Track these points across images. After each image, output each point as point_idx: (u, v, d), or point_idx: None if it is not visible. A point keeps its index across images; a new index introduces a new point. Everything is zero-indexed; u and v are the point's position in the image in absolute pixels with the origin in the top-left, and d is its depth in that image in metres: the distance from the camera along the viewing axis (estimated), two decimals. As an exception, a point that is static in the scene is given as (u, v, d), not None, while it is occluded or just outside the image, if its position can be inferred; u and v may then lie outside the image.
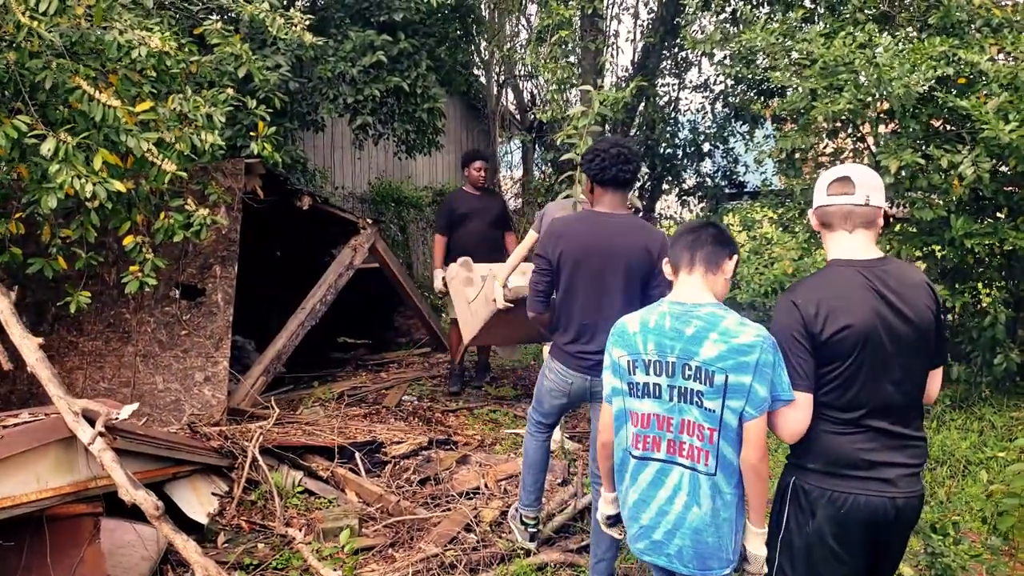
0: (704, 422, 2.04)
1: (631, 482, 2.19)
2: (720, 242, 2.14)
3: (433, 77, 7.59)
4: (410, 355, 7.29)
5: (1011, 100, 4.31)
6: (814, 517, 2.12)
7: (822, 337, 2.04)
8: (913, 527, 2.24)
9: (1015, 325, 5.55)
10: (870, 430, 2.09)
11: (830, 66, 4.62)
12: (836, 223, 2.14)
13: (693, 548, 2.08)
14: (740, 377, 1.99)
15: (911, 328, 2.08)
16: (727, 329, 2.02)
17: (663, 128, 7.44)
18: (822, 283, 2.12)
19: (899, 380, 2.09)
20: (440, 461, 4.63)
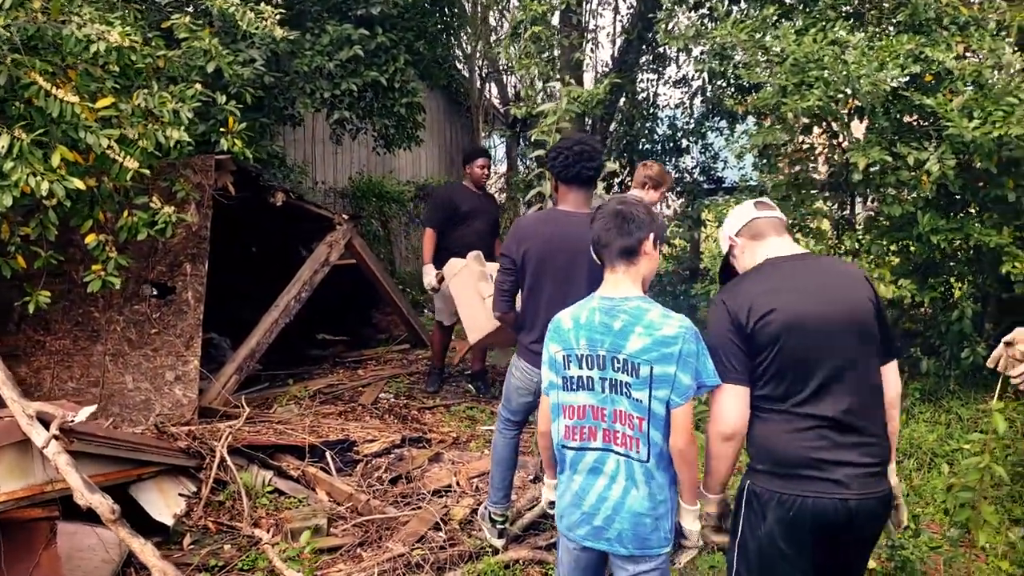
0: (633, 412, 2.11)
1: (570, 472, 2.25)
2: (630, 232, 2.17)
3: (412, 71, 7.56)
4: (388, 352, 7.28)
5: (975, 98, 4.33)
6: (765, 520, 2.13)
7: (749, 328, 2.10)
8: (876, 528, 2.21)
9: (982, 319, 5.60)
10: (817, 427, 2.09)
11: (800, 63, 4.63)
12: (768, 232, 2.29)
13: (632, 530, 2.14)
14: (665, 368, 2.06)
15: (844, 318, 2.11)
16: (651, 322, 2.09)
17: (642, 124, 7.44)
18: (753, 278, 2.22)
19: (841, 373, 2.09)
20: (412, 459, 4.63)
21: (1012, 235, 4.88)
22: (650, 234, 2.20)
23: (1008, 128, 4.09)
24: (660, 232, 2.24)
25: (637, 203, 2.24)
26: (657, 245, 2.24)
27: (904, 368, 6.03)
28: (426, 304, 9.42)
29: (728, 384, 2.13)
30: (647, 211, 2.23)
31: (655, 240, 2.22)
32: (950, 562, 3.36)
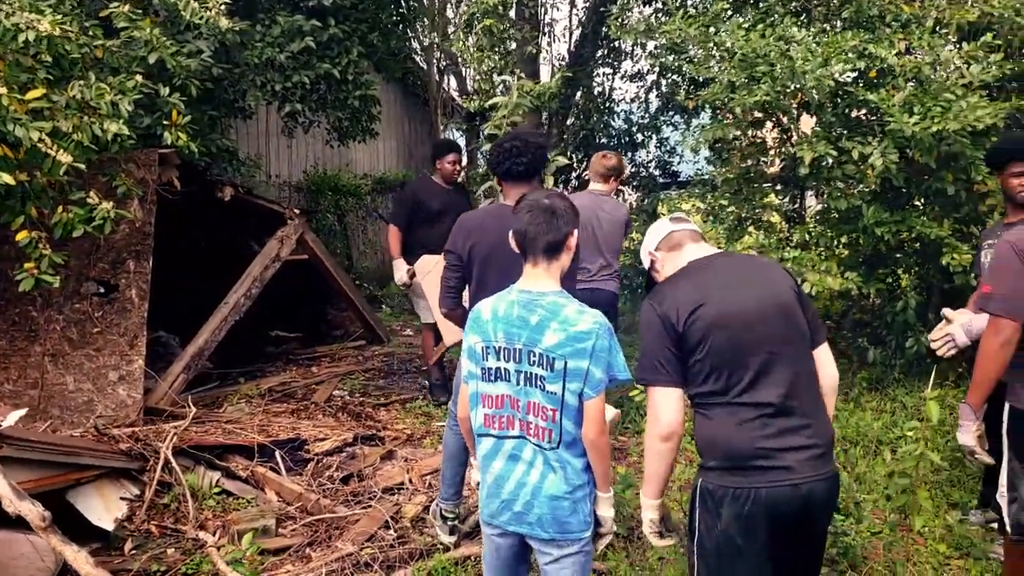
0: (547, 404, 2.16)
1: (490, 459, 2.28)
2: (557, 227, 2.19)
3: (366, 63, 7.47)
4: (344, 349, 7.21)
5: (916, 94, 4.42)
6: (720, 517, 2.13)
7: (680, 327, 2.13)
8: (829, 509, 2.24)
9: (926, 310, 5.73)
10: (760, 416, 2.11)
11: (749, 58, 4.68)
12: (684, 241, 2.37)
13: (551, 514, 2.19)
14: (578, 362, 2.11)
15: (770, 308, 2.16)
16: (567, 318, 2.13)
17: (598, 118, 7.46)
18: (678, 280, 2.26)
19: (774, 360, 2.12)
20: (365, 457, 4.59)
21: (952, 227, 5.01)
22: (574, 229, 2.24)
23: (945, 123, 4.18)
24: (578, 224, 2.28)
25: (562, 197, 2.27)
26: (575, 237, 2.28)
27: (852, 358, 6.15)
28: (384, 300, 9.35)
29: (662, 387, 2.16)
30: (571, 206, 2.26)
31: (576, 236, 2.27)
32: (889, 547, 3.43)
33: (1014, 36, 4.90)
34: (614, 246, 4.74)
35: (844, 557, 3.39)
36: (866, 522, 3.59)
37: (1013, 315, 2.56)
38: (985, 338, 2.65)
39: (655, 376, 2.16)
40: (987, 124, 4.19)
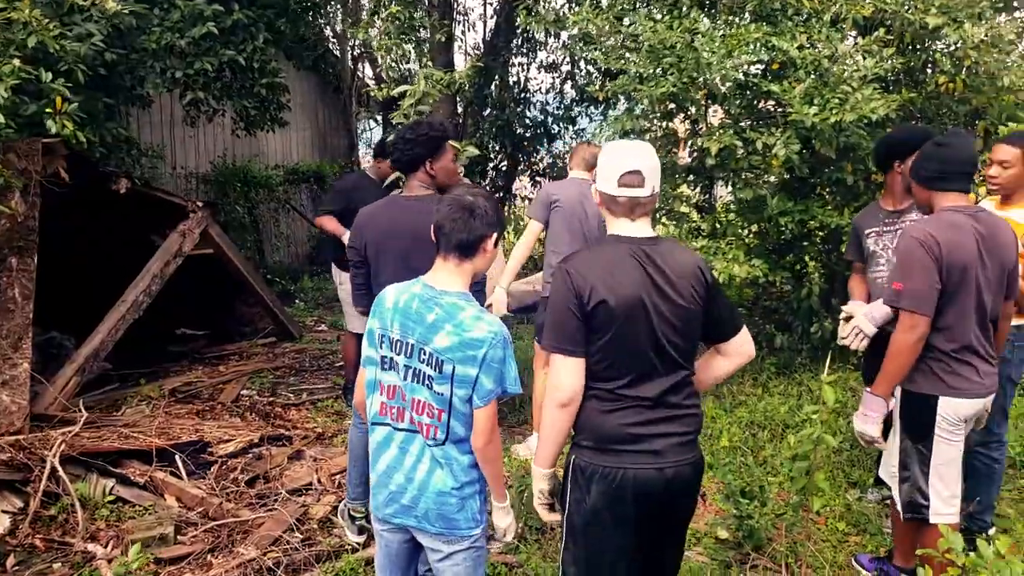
0: (434, 403, 2.11)
1: (381, 449, 2.22)
2: (474, 228, 2.13)
3: (273, 50, 7.22)
4: (253, 346, 6.96)
5: (816, 86, 4.54)
6: (589, 494, 2.18)
7: (588, 306, 2.11)
8: (693, 492, 2.29)
9: (830, 296, 5.93)
10: (635, 406, 2.14)
11: (657, 49, 4.71)
12: (621, 212, 2.21)
13: (438, 509, 2.15)
14: (467, 369, 2.06)
15: (674, 303, 2.15)
16: (462, 322, 2.07)
17: (513, 108, 7.42)
18: (596, 256, 2.20)
19: (664, 353, 2.15)
20: (271, 458, 4.44)
21: (851, 216, 5.18)
22: (493, 233, 2.17)
23: (843, 115, 4.31)
24: (502, 231, 2.21)
25: (488, 198, 2.21)
26: (498, 243, 2.22)
27: (761, 344, 6.32)
28: (297, 294, 9.09)
29: (568, 356, 2.13)
30: (496, 209, 2.20)
31: (497, 239, 2.20)
32: (791, 527, 3.53)
33: (905, 31, 5.09)
34: (599, 238, 4.51)
35: (749, 540, 3.47)
36: (770, 504, 3.68)
37: (924, 310, 2.66)
38: (899, 333, 2.73)
39: (562, 344, 2.13)
40: (881, 116, 4.33)
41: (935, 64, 5.17)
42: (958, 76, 5.14)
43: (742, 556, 3.42)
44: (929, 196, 2.84)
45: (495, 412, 2.10)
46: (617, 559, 2.21)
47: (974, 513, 3.49)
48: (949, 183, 2.78)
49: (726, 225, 5.59)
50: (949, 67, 5.09)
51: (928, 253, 2.65)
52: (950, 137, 2.83)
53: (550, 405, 2.17)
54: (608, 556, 2.21)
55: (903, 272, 2.73)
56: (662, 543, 2.31)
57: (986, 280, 2.72)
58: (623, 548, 2.20)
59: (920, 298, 2.66)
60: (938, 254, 2.65)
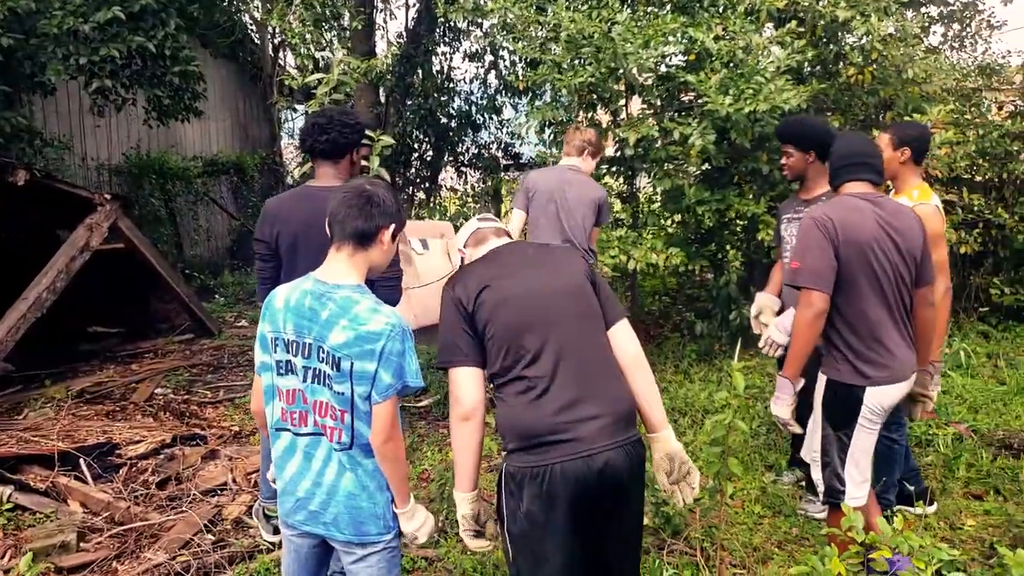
0: (335, 403, 2.03)
1: (286, 456, 2.14)
2: (371, 215, 2.07)
3: (186, 37, 6.96)
4: (169, 343, 6.72)
5: (731, 77, 4.62)
6: (523, 500, 2.11)
7: (470, 308, 2.14)
8: (633, 477, 2.21)
9: (748, 284, 6.07)
10: (547, 391, 2.11)
11: (575, 39, 4.71)
12: (489, 236, 2.42)
13: (348, 514, 2.08)
14: (365, 364, 1.98)
15: (558, 290, 2.20)
16: (357, 316, 1.99)
17: (436, 98, 7.34)
18: (478, 264, 2.30)
19: (563, 339, 2.15)
20: (184, 458, 4.29)
21: (767, 205, 5.31)
22: (391, 224, 2.10)
23: (757, 104, 4.39)
24: (401, 226, 2.15)
25: (388, 189, 2.15)
26: (396, 238, 2.15)
27: (682, 331, 6.44)
28: (217, 289, 8.83)
29: (460, 367, 2.14)
30: (395, 200, 2.14)
31: (394, 232, 2.12)
32: (707, 512, 3.59)
33: (817, 24, 5.23)
34: (581, 227, 4.23)
35: (667, 525, 3.52)
36: (688, 489, 3.73)
37: (821, 287, 2.69)
38: (798, 312, 2.76)
39: (453, 357, 2.15)
40: (793, 106, 4.43)
41: (845, 56, 5.34)
42: (867, 68, 5.32)
43: (660, 542, 3.46)
44: (840, 188, 2.91)
45: (395, 409, 2.03)
46: (562, 565, 2.12)
47: (879, 493, 3.62)
48: (853, 173, 2.85)
49: (647, 215, 5.66)
50: (858, 59, 5.26)
51: (823, 233, 2.70)
52: (847, 134, 2.96)
53: (455, 422, 2.14)
54: (552, 563, 2.12)
55: (800, 251, 2.78)
56: (608, 543, 2.22)
57: (890, 264, 2.75)
58: (566, 553, 2.12)
59: (816, 275, 2.69)
60: (833, 234, 2.69)
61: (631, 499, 2.22)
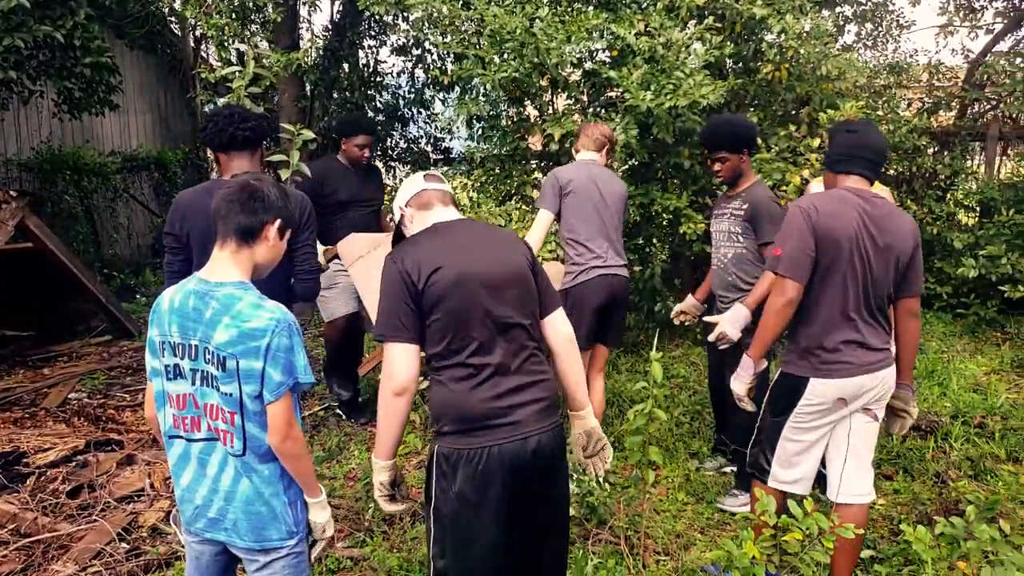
0: (224, 406, 1.98)
1: (181, 463, 2.09)
2: (254, 210, 2.01)
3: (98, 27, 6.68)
4: (86, 345, 6.46)
5: (652, 72, 4.69)
6: (455, 480, 2.14)
7: (420, 285, 2.12)
8: (559, 458, 2.30)
9: (673, 276, 6.20)
10: (491, 376, 2.16)
11: (499, 34, 4.71)
12: (434, 202, 2.35)
13: (247, 520, 2.04)
14: (251, 362, 1.93)
15: (506, 274, 2.22)
16: (240, 312, 1.94)
17: (363, 92, 7.23)
18: (424, 239, 2.26)
19: (506, 324, 2.19)
20: (98, 465, 4.13)
21: (689, 199, 5.42)
22: (277, 219, 2.04)
23: (677, 100, 4.47)
24: (289, 221, 2.10)
25: (273, 184, 2.09)
26: (284, 234, 2.10)
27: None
28: (138, 288, 8.53)
29: (400, 343, 2.13)
30: (281, 194, 2.08)
31: (281, 228, 2.07)
32: (630, 501, 3.65)
33: (736, 21, 5.35)
34: (616, 224, 4.03)
35: (593, 515, 3.56)
36: (613, 479, 3.79)
37: (796, 277, 2.71)
38: (771, 297, 2.78)
39: (394, 332, 2.13)
40: (712, 101, 4.52)
41: (763, 53, 5.48)
42: (783, 65, 5.47)
43: (585, 532, 3.50)
44: (835, 179, 2.88)
45: (290, 406, 1.98)
46: (492, 546, 2.17)
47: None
48: (851, 165, 2.82)
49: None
50: (775, 56, 5.41)
51: (805, 220, 2.70)
52: (859, 125, 2.88)
53: (386, 396, 2.15)
54: (481, 543, 2.16)
55: (782, 237, 2.78)
56: (538, 525, 2.28)
57: (863, 264, 2.72)
58: (497, 534, 2.17)
59: (794, 263, 2.70)
60: (815, 221, 2.69)
61: (559, 478, 2.33)
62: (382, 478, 2.27)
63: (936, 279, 6.92)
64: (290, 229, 2.12)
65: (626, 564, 3.24)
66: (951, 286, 6.86)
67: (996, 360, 5.95)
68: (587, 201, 3.90)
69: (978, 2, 9.65)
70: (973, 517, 2.62)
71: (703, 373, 5.73)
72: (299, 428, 2.02)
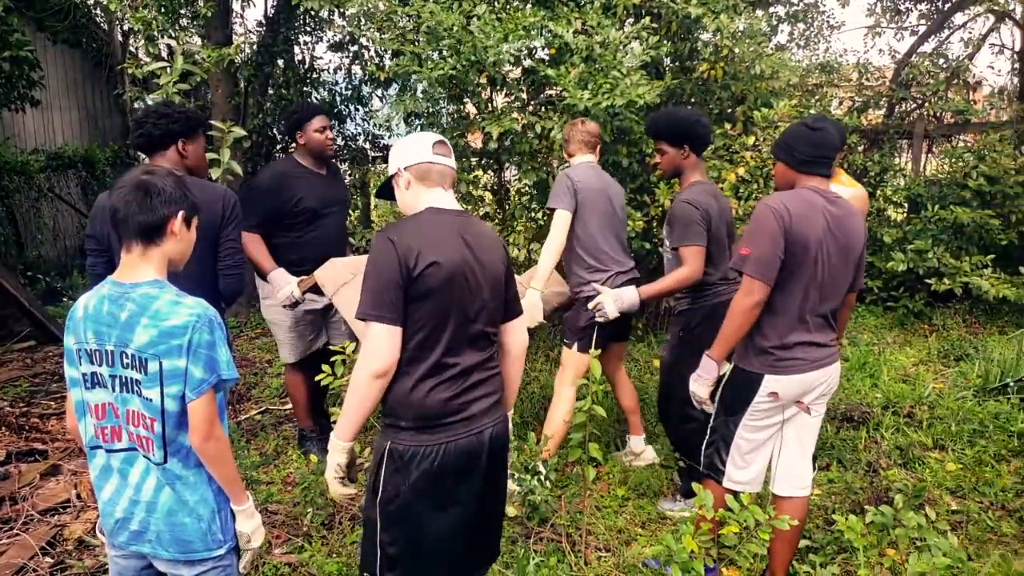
0: (145, 412, 1.91)
1: (103, 475, 2.01)
2: (153, 207, 1.92)
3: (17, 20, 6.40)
4: (7, 351, 6.18)
5: (590, 71, 4.70)
6: (409, 476, 2.13)
7: (415, 272, 2.07)
8: (505, 455, 2.36)
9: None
10: (454, 376, 2.16)
11: (435, 31, 4.66)
12: (436, 180, 2.25)
13: (170, 532, 1.97)
14: (174, 361, 1.86)
15: (489, 275, 2.21)
16: (158, 311, 1.88)
17: (299, 89, 7.08)
18: (419, 225, 2.18)
19: (477, 325, 2.20)
20: (20, 476, 3.95)
21: (628, 196, 5.46)
22: (179, 211, 1.96)
23: (614, 99, 4.49)
24: (193, 209, 2.02)
25: (166, 175, 1.99)
26: (191, 224, 2.03)
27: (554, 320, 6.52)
28: (65, 292, 8.19)
29: (388, 324, 2.06)
30: (179, 186, 1.99)
31: (186, 219, 1.99)
32: (571, 499, 3.66)
33: (672, 20, 5.41)
34: (624, 225, 4.03)
35: (535, 513, 3.56)
36: (555, 477, 3.79)
37: (764, 278, 2.70)
38: (738, 297, 2.77)
39: (383, 312, 2.06)
40: (648, 100, 4.56)
41: (699, 52, 5.55)
42: (718, 64, 5.55)
43: (527, 531, 3.50)
44: (794, 177, 2.86)
45: (212, 404, 1.91)
46: (445, 531, 2.20)
47: None
48: (816, 167, 2.82)
49: (514, 207, 5.70)
50: (710, 56, 5.49)
51: (778, 222, 2.68)
52: (821, 122, 2.84)
53: (364, 375, 2.07)
54: (433, 535, 2.18)
55: (750, 237, 2.75)
56: (485, 507, 2.31)
57: (827, 265, 2.76)
58: (451, 524, 2.20)
59: (763, 264, 2.69)
60: (787, 224, 2.68)
61: (504, 466, 2.40)
62: (340, 459, 2.22)
63: (868, 273, 7.14)
64: (196, 216, 2.04)
65: (567, 561, 3.24)
66: (882, 280, 7.09)
67: (924, 351, 6.17)
68: (600, 202, 3.83)
69: (904, 4, 9.99)
70: (901, 505, 2.70)
71: (644, 368, 5.80)
72: (222, 429, 1.96)
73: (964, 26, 9.86)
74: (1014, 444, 4.37)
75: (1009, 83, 9.45)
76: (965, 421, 4.66)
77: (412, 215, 2.23)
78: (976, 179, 6.64)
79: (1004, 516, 3.70)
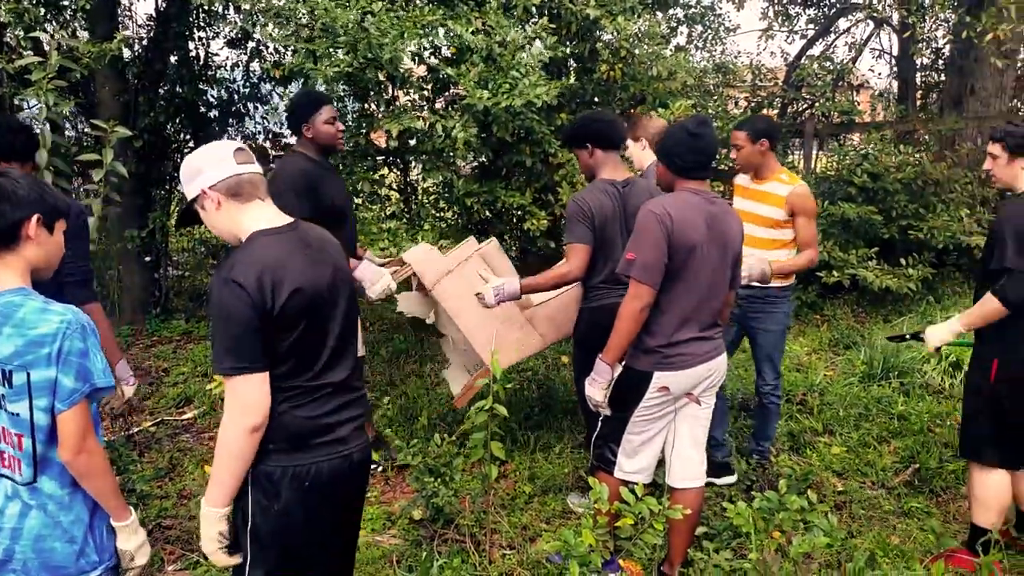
0: (12, 428, 1.80)
1: None
2: (5, 212, 1.81)
3: None
4: None
5: (489, 71, 4.71)
6: (279, 498, 2.04)
7: (276, 308, 1.92)
8: (367, 473, 2.34)
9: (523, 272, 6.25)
10: (329, 394, 2.09)
11: (331, 28, 4.57)
12: (248, 192, 2.02)
13: (38, 558, 1.86)
14: (43, 372, 1.77)
15: (338, 288, 2.12)
16: (24, 319, 1.77)
17: (191, 86, 6.81)
18: (258, 256, 1.97)
19: (342, 340, 2.13)
20: None
21: (532, 196, 5.52)
22: (34, 215, 1.84)
23: (513, 99, 4.52)
24: (53, 211, 1.90)
25: (18, 177, 1.87)
26: (55, 228, 1.91)
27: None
28: None
29: (254, 373, 1.92)
30: (33, 187, 1.87)
31: (46, 221, 1.87)
32: (474, 499, 3.66)
33: (572, 21, 5.49)
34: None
35: (440, 515, 3.55)
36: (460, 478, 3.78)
37: (649, 282, 2.76)
38: (626, 302, 2.81)
39: (246, 363, 1.90)
40: (547, 100, 4.60)
41: (598, 53, 5.65)
42: (617, 65, 5.66)
43: (432, 533, 3.48)
44: (674, 180, 2.93)
45: (85, 416, 1.81)
46: (315, 555, 2.15)
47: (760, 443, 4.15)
48: (696, 172, 2.89)
49: (420, 206, 5.66)
50: (609, 57, 5.59)
51: (660, 228, 2.74)
52: (700, 128, 2.88)
53: (238, 432, 1.92)
54: (306, 554, 2.12)
55: (636, 243, 2.80)
56: (349, 530, 2.31)
57: (708, 266, 2.84)
58: (321, 544, 2.15)
59: (648, 269, 2.75)
60: (670, 229, 2.75)
61: (364, 489, 2.37)
62: (222, 528, 2.03)
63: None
64: (58, 219, 1.91)
65: (471, 561, 3.24)
66: (776, 273, 7.38)
67: (816, 341, 6.47)
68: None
69: (793, 9, 10.46)
70: (785, 489, 2.82)
71: (551, 364, 5.86)
72: (97, 441, 1.86)
73: (848, 31, 10.41)
74: (894, 426, 4.65)
75: (889, 85, 10.05)
76: (852, 406, 4.92)
77: (244, 247, 2.01)
78: (860, 176, 7.01)
79: (884, 494, 3.93)
